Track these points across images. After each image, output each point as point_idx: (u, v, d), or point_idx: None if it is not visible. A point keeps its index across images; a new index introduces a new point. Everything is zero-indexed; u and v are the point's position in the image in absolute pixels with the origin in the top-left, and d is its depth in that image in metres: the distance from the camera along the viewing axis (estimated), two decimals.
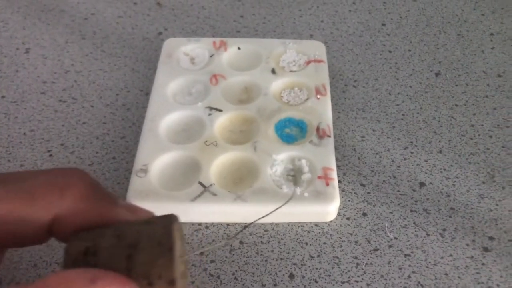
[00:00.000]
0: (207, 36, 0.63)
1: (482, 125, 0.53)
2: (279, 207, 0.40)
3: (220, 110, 0.51)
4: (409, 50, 0.62)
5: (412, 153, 0.51)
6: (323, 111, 0.51)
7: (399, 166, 0.50)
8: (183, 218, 0.44)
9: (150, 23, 0.65)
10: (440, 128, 0.53)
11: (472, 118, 0.54)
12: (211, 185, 0.45)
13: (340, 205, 0.46)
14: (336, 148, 0.51)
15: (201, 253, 0.43)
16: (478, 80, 0.58)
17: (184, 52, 0.58)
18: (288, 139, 0.50)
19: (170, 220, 0.27)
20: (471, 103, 0.56)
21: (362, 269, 0.42)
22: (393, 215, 0.46)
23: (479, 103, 0.56)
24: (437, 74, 0.59)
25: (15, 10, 0.66)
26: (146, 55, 0.61)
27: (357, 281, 0.41)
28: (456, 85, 0.58)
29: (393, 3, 0.68)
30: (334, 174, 0.46)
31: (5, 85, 0.57)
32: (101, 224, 0.27)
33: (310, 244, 0.44)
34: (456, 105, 0.55)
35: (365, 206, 0.46)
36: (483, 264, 0.43)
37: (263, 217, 0.39)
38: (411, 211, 0.46)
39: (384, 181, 0.48)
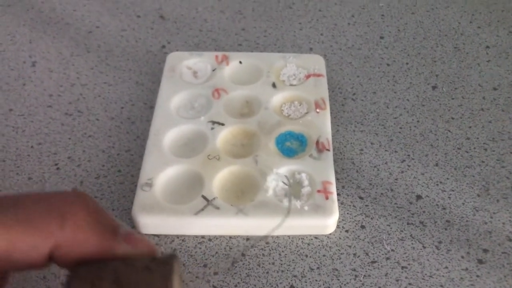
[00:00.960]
0: (210, 49, 0.65)
1: (478, 138, 0.55)
2: (275, 228, 0.42)
3: (222, 124, 0.53)
4: (407, 63, 0.63)
5: (409, 166, 0.52)
6: (322, 125, 0.53)
7: (396, 179, 0.51)
8: (187, 231, 0.46)
9: (153, 36, 0.66)
10: (436, 141, 0.54)
11: (468, 131, 0.56)
12: (213, 198, 0.46)
13: (339, 218, 0.47)
14: (335, 161, 0.52)
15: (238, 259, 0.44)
16: (474, 93, 0.60)
17: (187, 66, 0.59)
18: (288, 153, 0.51)
19: (170, 268, 0.28)
20: (467, 116, 0.57)
21: (361, 281, 0.43)
22: (391, 228, 0.47)
23: (474, 116, 0.57)
24: (434, 87, 0.60)
25: (21, 23, 0.68)
26: (150, 68, 0.62)
27: None
28: (453, 98, 0.59)
29: (391, 16, 0.70)
30: (333, 188, 0.47)
31: (13, 98, 0.58)
32: (100, 256, 0.27)
33: (310, 257, 0.45)
34: (453, 118, 0.57)
35: (363, 218, 0.48)
36: (477, 276, 0.44)
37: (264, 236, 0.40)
38: (408, 223, 0.48)
39: (382, 193, 0.50)
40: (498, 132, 0.55)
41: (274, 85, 0.57)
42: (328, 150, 0.50)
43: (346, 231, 0.47)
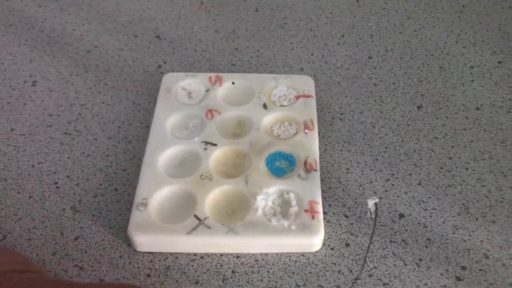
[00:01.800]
0: (204, 69, 0.67)
1: (460, 157, 0.57)
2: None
3: (215, 145, 0.55)
4: (393, 83, 0.66)
5: (393, 185, 0.55)
6: (310, 146, 0.55)
7: (380, 198, 0.53)
8: (180, 249, 0.49)
9: (150, 56, 0.69)
10: (420, 161, 0.57)
11: (451, 150, 0.58)
12: (205, 218, 0.49)
13: (325, 236, 0.50)
14: (322, 180, 0.54)
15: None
16: (457, 113, 0.62)
17: (182, 87, 0.61)
18: (278, 172, 0.53)
19: None
20: (450, 136, 0.60)
21: None
22: (374, 245, 0.50)
23: (457, 136, 0.60)
24: (419, 107, 0.63)
25: (22, 43, 0.70)
26: (146, 88, 0.64)
27: None
28: (437, 118, 0.61)
29: (380, 35, 0.72)
30: (319, 208, 0.50)
31: (14, 118, 0.61)
32: None
33: (297, 274, 0.47)
34: (436, 138, 0.59)
35: (348, 236, 0.50)
36: None
37: None
38: (391, 241, 0.50)
39: (366, 212, 0.52)
40: (479, 151, 0.58)
41: (265, 106, 0.59)
42: (316, 170, 0.53)
43: (332, 248, 0.49)
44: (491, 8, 0.76)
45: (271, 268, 0.48)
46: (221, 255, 0.49)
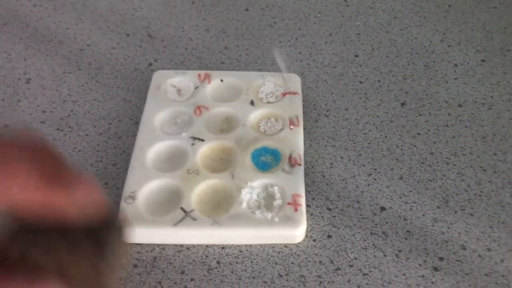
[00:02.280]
0: (194, 67, 0.69)
1: (441, 153, 0.59)
2: None
3: (202, 140, 0.57)
4: (379, 81, 0.67)
5: (375, 179, 0.56)
6: (295, 141, 0.57)
7: (362, 192, 0.55)
8: (166, 241, 0.50)
9: (141, 54, 0.70)
10: (402, 156, 0.58)
11: (432, 146, 0.60)
12: (191, 210, 0.50)
13: (308, 228, 0.51)
14: (307, 174, 0.56)
15: None
16: (440, 110, 0.64)
17: (171, 84, 0.63)
18: (263, 167, 0.55)
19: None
20: (432, 132, 0.61)
21: (325, 286, 0.47)
22: (355, 237, 0.51)
23: (439, 132, 0.61)
24: (402, 104, 0.64)
25: (16, 41, 0.72)
26: (137, 86, 0.66)
27: None
28: (420, 115, 0.63)
29: (367, 34, 0.74)
30: (302, 201, 0.51)
31: (8, 114, 0.62)
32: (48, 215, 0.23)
33: (280, 264, 0.49)
34: (419, 134, 0.61)
35: (330, 228, 0.52)
36: (432, 282, 0.48)
37: None
38: (371, 233, 0.52)
39: (348, 205, 0.54)
40: (460, 147, 0.59)
41: (252, 103, 0.61)
42: (300, 165, 0.54)
43: (314, 240, 0.51)
44: (476, 8, 0.78)
45: (254, 259, 0.49)
46: (207, 246, 0.50)
